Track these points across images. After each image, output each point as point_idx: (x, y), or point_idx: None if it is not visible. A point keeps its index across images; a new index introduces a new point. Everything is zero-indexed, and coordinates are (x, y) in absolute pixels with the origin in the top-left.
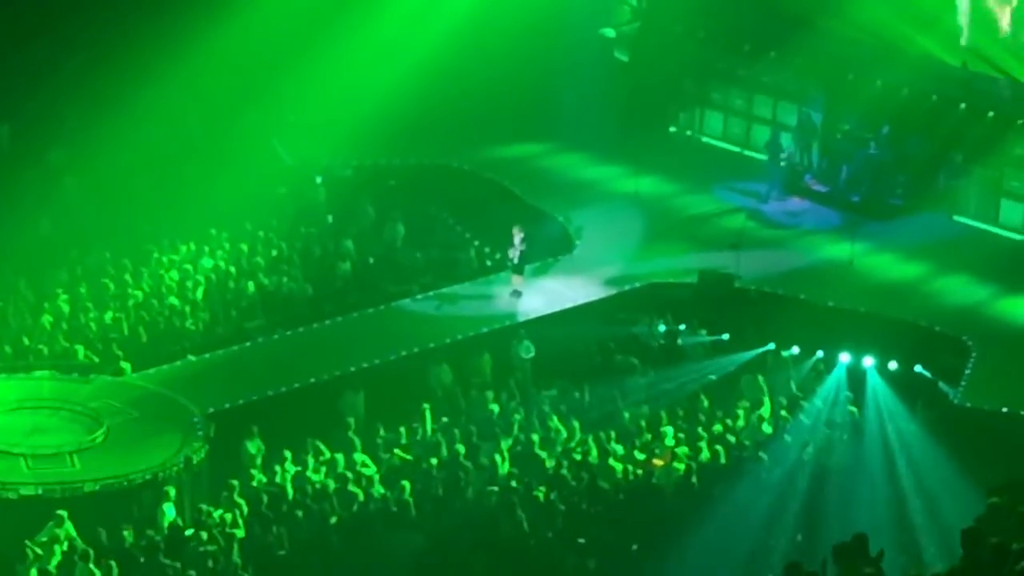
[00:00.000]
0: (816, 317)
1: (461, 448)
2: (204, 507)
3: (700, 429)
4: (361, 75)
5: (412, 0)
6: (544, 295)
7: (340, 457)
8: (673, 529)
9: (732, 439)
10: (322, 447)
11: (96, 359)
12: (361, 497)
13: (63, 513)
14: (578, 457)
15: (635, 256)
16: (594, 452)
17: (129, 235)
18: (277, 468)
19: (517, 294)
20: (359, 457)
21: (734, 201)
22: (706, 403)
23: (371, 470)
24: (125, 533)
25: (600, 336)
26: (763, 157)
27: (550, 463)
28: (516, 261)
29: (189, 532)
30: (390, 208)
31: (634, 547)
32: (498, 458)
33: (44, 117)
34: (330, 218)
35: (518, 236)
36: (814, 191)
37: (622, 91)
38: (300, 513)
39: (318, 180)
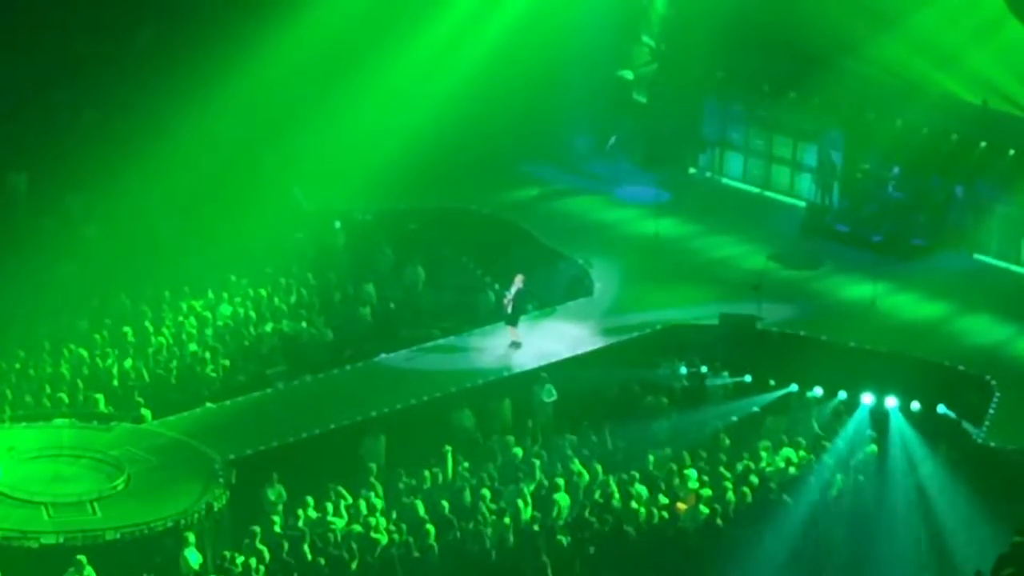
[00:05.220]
0: (838, 358)
1: (484, 492)
2: (226, 553)
3: (724, 470)
4: (379, 120)
5: (429, 46)
6: (564, 338)
7: (362, 503)
8: (697, 572)
9: (756, 480)
10: (344, 492)
11: (116, 407)
12: (383, 542)
13: (82, 558)
14: (601, 500)
15: (656, 298)
16: (616, 495)
17: (149, 282)
18: (299, 514)
19: (516, 346)
20: (380, 502)
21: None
22: (729, 445)
23: (393, 515)
24: None
25: (622, 379)
26: (782, 198)
27: (573, 507)
28: (509, 311)
29: None
30: (410, 252)
31: None
32: (520, 502)
33: (62, 165)
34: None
35: (516, 286)
36: (835, 231)
37: (641, 133)
38: (322, 559)
39: (337, 225)
